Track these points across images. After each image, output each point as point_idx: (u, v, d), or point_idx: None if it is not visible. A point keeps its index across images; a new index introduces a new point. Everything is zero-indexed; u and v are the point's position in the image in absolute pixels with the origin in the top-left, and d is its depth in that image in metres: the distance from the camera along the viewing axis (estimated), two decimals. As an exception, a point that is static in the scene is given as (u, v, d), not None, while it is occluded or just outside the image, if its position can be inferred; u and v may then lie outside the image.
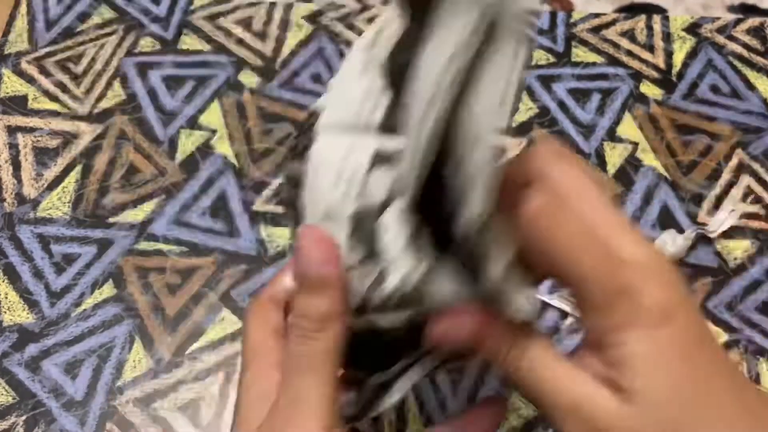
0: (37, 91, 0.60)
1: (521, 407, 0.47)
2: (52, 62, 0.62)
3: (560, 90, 0.60)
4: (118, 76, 0.61)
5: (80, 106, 0.59)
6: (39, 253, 0.53)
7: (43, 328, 0.50)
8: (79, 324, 0.50)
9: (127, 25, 0.64)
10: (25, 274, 0.52)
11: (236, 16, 0.64)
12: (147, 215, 0.54)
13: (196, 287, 0.51)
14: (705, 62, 0.61)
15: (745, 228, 0.53)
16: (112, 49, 0.62)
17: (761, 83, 0.60)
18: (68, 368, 0.49)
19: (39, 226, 0.54)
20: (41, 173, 0.56)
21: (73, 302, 0.51)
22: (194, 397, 0.48)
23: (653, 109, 0.58)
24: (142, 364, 0.49)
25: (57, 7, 0.65)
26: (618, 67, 0.61)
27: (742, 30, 0.63)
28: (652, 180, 0.55)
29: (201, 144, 0.57)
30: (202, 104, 0.59)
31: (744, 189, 0.55)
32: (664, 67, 0.61)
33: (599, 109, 0.59)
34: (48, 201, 0.55)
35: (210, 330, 0.50)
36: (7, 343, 0.50)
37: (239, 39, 0.63)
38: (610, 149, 0.57)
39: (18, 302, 0.51)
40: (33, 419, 0.47)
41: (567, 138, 0.57)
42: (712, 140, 0.57)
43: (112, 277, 0.52)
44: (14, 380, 0.48)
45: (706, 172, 0.55)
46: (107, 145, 0.57)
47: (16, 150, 0.57)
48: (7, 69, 0.61)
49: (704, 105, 0.59)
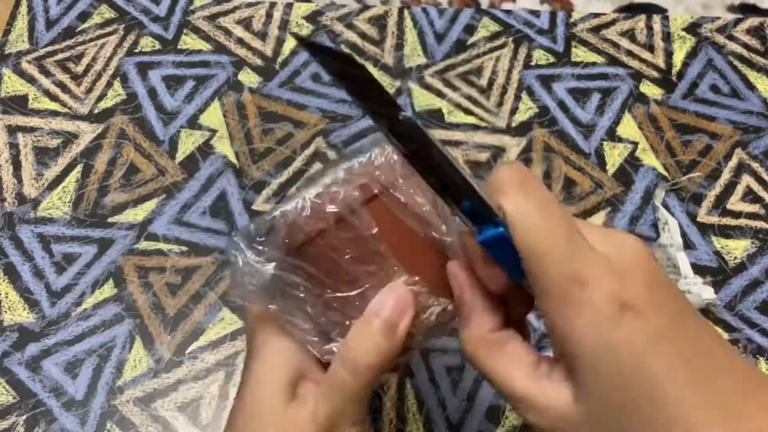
0: (38, 91, 0.60)
1: (521, 407, 0.47)
2: (53, 62, 0.62)
3: (560, 90, 0.60)
4: (118, 76, 0.61)
5: (80, 105, 0.59)
6: (39, 252, 0.53)
7: (44, 328, 0.50)
8: (79, 323, 0.50)
9: (127, 24, 0.64)
10: (25, 273, 0.52)
11: (236, 16, 0.64)
12: (147, 215, 0.54)
13: (196, 287, 0.51)
14: (705, 62, 0.61)
15: (745, 227, 0.53)
16: (112, 49, 0.62)
17: (761, 83, 0.60)
18: (69, 368, 0.49)
19: (39, 225, 0.54)
20: (41, 173, 0.56)
21: (73, 302, 0.51)
22: (194, 397, 0.48)
23: (653, 109, 0.58)
24: (142, 364, 0.49)
25: (57, 7, 0.65)
26: (618, 67, 0.61)
27: (742, 30, 0.63)
28: (651, 179, 0.55)
29: (201, 144, 0.57)
30: (202, 104, 0.59)
31: (744, 188, 0.55)
32: (664, 66, 0.61)
33: (599, 108, 0.59)
34: (48, 201, 0.55)
35: (210, 329, 0.50)
36: (8, 342, 0.50)
37: (239, 39, 0.63)
38: (610, 149, 0.57)
39: (18, 302, 0.51)
40: (33, 418, 0.47)
41: (567, 137, 0.57)
42: (712, 140, 0.57)
43: (113, 277, 0.52)
44: (15, 380, 0.48)
45: (706, 172, 0.56)
46: (107, 145, 0.57)
47: (16, 150, 0.57)
48: (7, 69, 0.61)
49: (704, 105, 0.59)
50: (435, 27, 0.63)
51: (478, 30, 0.63)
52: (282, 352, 0.30)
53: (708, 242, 0.53)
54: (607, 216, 0.54)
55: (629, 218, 0.54)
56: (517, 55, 0.62)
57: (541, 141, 0.57)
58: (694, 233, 0.53)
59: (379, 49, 0.62)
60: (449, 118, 0.58)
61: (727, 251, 0.52)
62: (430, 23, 0.64)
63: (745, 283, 0.51)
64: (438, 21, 0.64)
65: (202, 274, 0.52)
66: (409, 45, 0.62)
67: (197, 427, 0.47)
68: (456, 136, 0.58)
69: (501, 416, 0.47)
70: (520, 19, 0.64)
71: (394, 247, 0.29)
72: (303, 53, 0.62)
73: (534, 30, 0.63)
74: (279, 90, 0.60)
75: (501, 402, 0.47)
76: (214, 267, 0.52)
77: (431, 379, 0.48)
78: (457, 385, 0.48)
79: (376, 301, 0.29)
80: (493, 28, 0.63)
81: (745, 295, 0.51)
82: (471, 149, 0.57)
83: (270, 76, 0.61)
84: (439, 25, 0.63)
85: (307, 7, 0.64)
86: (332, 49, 0.26)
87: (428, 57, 0.62)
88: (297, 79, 0.60)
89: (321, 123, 0.58)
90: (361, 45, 0.62)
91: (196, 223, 0.54)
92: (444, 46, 0.62)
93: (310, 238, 0.29)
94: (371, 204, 0.29)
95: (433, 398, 0.48)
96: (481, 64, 0.61)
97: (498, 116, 0.58)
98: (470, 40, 0.63)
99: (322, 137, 0.57)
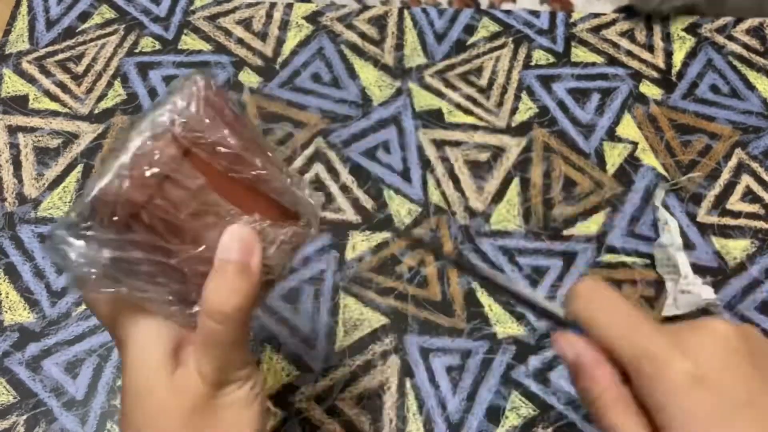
0: (38, 91, 0.60)
1: (521, 407, 0.47)
2: (53, 62, 0.62)
3: (560, 90, 0.60)
4: (118, 76, 0.61)
5: (81, 105, 0.59)
6: (40, 252, 0.53)
7: (44, 328, 0.50)
8: (79, 323, 0.50)
9: (127, 25, 0.64)
10: (26, 273, 0.52)
11: (236, 16, 0.64)
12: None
13: (197, 287, 0.51)
14: (704, 62, 0.61)
15: (744, 227, 0.53)
16: (112, 49, 0.62)
17: (761, 83, 0.60)
18: (69, 367, 0.49)
19: (40, 225, 0.54)
20: (42, 173, 0.56)
21: (73, 302, 0.51)
22: (195, 397, 0.48)
23: (653, 109, 0.59)
24: (142, 364, 0.49)
25: (57, 7, 0.65)
26: (618, 67, 0.61)
27: (741, 30, 0.63)
28: (651, 179, 0.55)
29: (201, 144, 0.57)
30: (202, 104, 0.59)
31: (743, 188, 0.55)
32: (664, 67, 0.61)
33: (599, 108, 0.59)
34: (49, 201, 0.55)
35: (210, 329, 0.50)
36: (8, 342, 0.50)
37: (239, 39, 0.63)
38: (610, 149, 0.57)
39: (19, 302, 0.51)
40: (34, 418, 0.47)
41: (567, 137, 0.57)
42: (712, 140, 0.57)
43: (113, 277, 0.52)
44: (15, 379, 0.49)
45: (706, 172, 0.56)
46: (108, 145, 0.57)
47: (16, 150, 0.57)
48: (7, 69, 0.61)
49: (704, 105, 0.59)
50: (435, 27, 0.63)
51: (478, 30, 0.63)
52: (151, 328, 0.30)
53: (708, 242, 0.53)
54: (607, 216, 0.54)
55: (629, 218, 0.54)
56: (516, 55, 0.62)
57: (541, 141, 0.57)
58: (694, 233, 0.53)
59: (378, 49, 0.62)
60: (449, 118, 0.58)
61: (726, 251, 0.52)
62: (430, 23, 0.64)
63: (744, 283, 0.51)
64: (438, 21, 0.64)
65: (203, 274, 0.52)
66: (408, 45, 0.62)
67: (197, 427, 0.47)
68: (456, 136, 0.58)
69: (501, 416, 0.47)
70: (520, 20, 0.64)
71: (223, 192, 0.28)
72: (303, 53, 0.62)
73: (534, 30, 0.63)
74: (279, 90, 0.60)
75: (501, 402, 0.47)
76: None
77: (431, 379, 0.48)
78: (457, 385, 0.48)
79: (223, 248, 0.29)
80: (493, 28, 0.63)
81: (744, 295, 0.51)
82: (471, 149, 0.57)
83: (270, 76, 0.61)
84: (439, 25, 0.63)
85: (307, 8, 0.64)
86: None
87: (428, 57, 0.62)
88: (297, 79, 0.61)
89: (321, 123, 0.58)
90: (361, 45, 0.62)
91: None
92: (444, 46, 0.62)
93: (139, 208, 0.27)
94: (190, 155, 0.27)
95: (433, 398, 0.48)
96: (481, 64, 0.61)
97: (498, 116, 0.58)
98: (470, 40, 0.63)
99: (322, 137, 0.57)
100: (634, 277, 0.51)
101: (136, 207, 0.26)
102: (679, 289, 0.49)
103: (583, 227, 0.53)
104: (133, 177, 0.26)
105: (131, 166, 0.26)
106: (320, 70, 0.61)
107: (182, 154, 0.27)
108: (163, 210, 0.27)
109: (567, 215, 0.54)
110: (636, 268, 0.52)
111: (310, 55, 0.62)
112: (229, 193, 0.29)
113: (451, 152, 0.57)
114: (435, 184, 0.55)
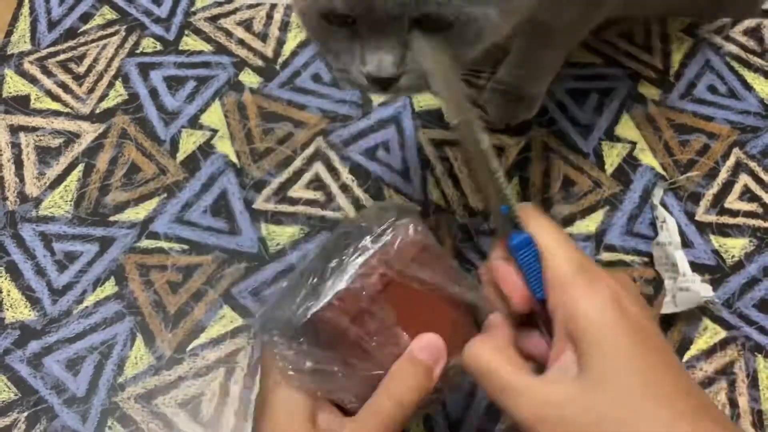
0: (40, 91, 0.60)
1: (520, 404, 0.47)
2: (55, 62, 0.62)
3: (558, 90, 0.60)
4: (119, 76, 0.61)
5: (82, 105, 0.60)
6: (41, 251, 0.53)
7: (45, 325, 0.50)
8: (80, 321, 0.51)
9: (129, 26, 0.64)
10: (27, 271, 0.52)
11: (237, 17, 0.65)
12: (148, 213, 0.54)
13: (197, 285, 0.52)
14: (702, 63, 0.61)
15: (742, 226, 0.54)
16: (114, 50, 0.63)
17: (758, 83, 0.60)
18: (70, 365, 0.49)
19: (41, 224, 0.54)
20: (43, 172, 0.57)
21: (74, 299, 0.51)
22: (195, 393, 0.48)
23: (651, 109, 0.59)
24: (143, 361, 0.49)
25: (59, 8, 0.65)
26: (616, 68, 0.61)
27: (739, 31, 0.63)
28: (650, 179, 0.55)
29: (202, 143, 0.58)
30: (203, 104, 0.59)
31: (741, 187, 0.55)
32: (662, 67, 0.61)
33: (597, 108, 0.59)
34: (50, 199, 0.55)
35: (210, 327, 0.50)
36: (9, 340, 0.50)
37: (240, 40, 0.63)
38: (609, 148, 0.57)
39: (20, 299, 0.51)
40: (35, 415, 0.47)
41: (566, 137, 0.57)
42: (710, 139, 0.57)
43: (114, 275, 0.52)
44: (16, 377, 0.49)
45: (704, 171, 0.56)
46: (109, 145, 0.58)
47: (18, 149, 0.58)
48: (9, 69, 0.62)
49: (702, 105, 0.59)
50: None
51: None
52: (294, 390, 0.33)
53: (706, 241, 0.53)
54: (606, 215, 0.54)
55: (628, 217, 0.54)
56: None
57: (540, 141, 0.57)
58: (692, 232, 0.53)
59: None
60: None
61: (725, 249, 0.53)
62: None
63: (743, 281, 0.52)
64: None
65: (203, 273, 0.52)
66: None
67: (198, 424, 0.47)
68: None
69: (501, 413, 0.47)
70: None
71: (411, 327, 0.33)
72: (303, 54, 0.62)
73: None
74: (279, 90, 0.60)
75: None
76: (214, 265, 0.52)
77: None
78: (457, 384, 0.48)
79: (417, 348, 0.32)
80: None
81: (743, 292, 0.51)
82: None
83: (270, 76, 0.61)
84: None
85: (307, 9, 0.65)
86: None
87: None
88: (297, 79, 0.61)
89: (321, 123, 0.58)
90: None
91: (197, 221, 0.54)
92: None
93: (340, 332, 0.31)
94: (389, 288, 0.32)
95: (432, 396, 0.48)
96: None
97: None
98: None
99: (322, 137, 0.58)
100: (633, 276, 0.51)
101: (339, 331, 0.31)
102: (677, 287, 0.49)
103: (581, 226, 0.54)
104: (343, 304, 0.31)
105: (342, 296, 0.31)
106: (320, 70, 0.61)
107: (383, 288, 0.32)
108: (359, 337, 0.32)
109: (565, 214, 0.54)
110: (635, 266, 0.52)
111: (310, 56, 0.62)
112: (414, 328, 0.33)
113: (450, 152, 0.57)
114: (434, 184, 0.56)
